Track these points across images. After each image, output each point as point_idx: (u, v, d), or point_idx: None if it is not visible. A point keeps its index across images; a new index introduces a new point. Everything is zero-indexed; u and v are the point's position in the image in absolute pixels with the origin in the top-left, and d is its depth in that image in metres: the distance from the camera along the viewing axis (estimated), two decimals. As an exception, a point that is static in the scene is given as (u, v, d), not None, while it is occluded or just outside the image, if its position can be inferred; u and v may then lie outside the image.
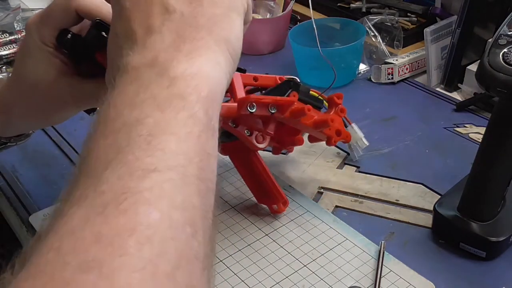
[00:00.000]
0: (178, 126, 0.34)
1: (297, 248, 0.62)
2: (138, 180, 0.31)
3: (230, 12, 0.43)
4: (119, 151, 0.32)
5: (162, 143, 0.33)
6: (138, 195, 0.30)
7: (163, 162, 0.32)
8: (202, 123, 0.36)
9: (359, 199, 0.70)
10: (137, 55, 0.38)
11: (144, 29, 0.39)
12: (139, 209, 0.30)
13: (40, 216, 0.68)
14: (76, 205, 0.31)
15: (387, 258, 0.60)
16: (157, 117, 0.34)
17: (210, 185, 0.35)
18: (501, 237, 0.60)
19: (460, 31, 0.87)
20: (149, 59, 0.38)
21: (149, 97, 0.35)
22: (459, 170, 0.69)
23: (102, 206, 0.30)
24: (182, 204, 0.32)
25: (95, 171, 0.32)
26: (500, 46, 0.55)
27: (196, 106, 0.36)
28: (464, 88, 0.88)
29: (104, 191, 0.31)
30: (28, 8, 1.21)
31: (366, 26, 0.96)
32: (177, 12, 0.40)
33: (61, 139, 0.83)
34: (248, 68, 0.64)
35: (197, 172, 0.34)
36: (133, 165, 0.32)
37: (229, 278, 0.59)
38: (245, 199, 0.69)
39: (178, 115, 0.35)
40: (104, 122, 0.35)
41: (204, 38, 0.40)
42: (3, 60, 1.02)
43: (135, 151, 0.32)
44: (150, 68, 0.37)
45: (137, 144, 0.33)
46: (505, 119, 0.57)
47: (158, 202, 0.31)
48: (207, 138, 0.36)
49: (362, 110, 0.87)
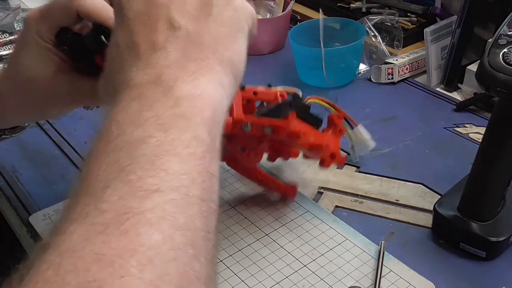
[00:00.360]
0: (181, 147, 0.34)
1: (297, 248, 0.62)
2: (140, 200, 0.31)
3: (235, 32, 0.43)
4: (121, 169, 0.32)
5: (165, 163, 0.33)
6: (139, 216, 0.30)
7: (166, 182, 0.32)
8: (205, 144, 0.35)
9: (359, 199, 0.70)
10: (141, 71, 0.38)
11: (148, 44, 0.39)
12: (140, 229, 0.30)
13: (40, 216, 0.68)
14: (76, 222, 0.30)
15: (387, 258, 0.60)
16: (160, 137, 0.34)
17: (213, 206, 0.35)
18: (501, 237, 0.60)
19: (460, 31, 0.87)
20: (153, 76, 0.37)
21: (153, 116, 0.35)
22: (459, 170, 0.69)
23: (103, 225, 0.29)
24: (184, 225, 0.31)
25: (96, 189, 0.32)
26: (500, 46, 0.55)
27: (200, 127, 0.36)
28: (464, 88, 0.88)
29: (105, 209, 0.30)
30: (28, 8, 1.21)
31: (366, 26, 0.96)
32: (182, 29, 0.40)
33: (61, 139, 0.83)
34: (248, 68, 0.64)
35: (199, 193, 0.33)
36: (135, 184, 0.31)
37: (229, 278, 0.59)
38: (245, 199, 0.69)
39: (182, 135, 0.34)
40: (106, 139, 0.35)
41: (209, 58, 0.40)
42: (3, 60, 1.02)
43: (137, 171, 0.32)
44: (154, 86, 0.37)
45: (140, 163, 0.32)
46: (505, 119, 0.57)
47: (160, 223, 0.30)
48: (210, 159, 0.36)
49: (362, 110, 0.87)
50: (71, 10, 0.52)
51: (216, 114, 0.38)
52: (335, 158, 0.66)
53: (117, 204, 0.30)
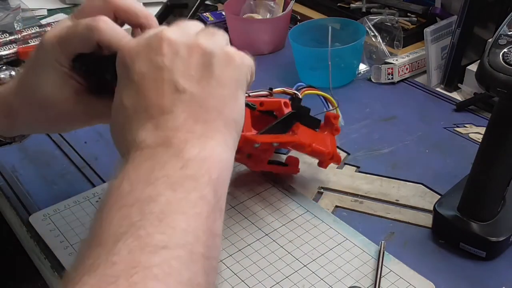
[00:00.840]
0: (188, 206, 0.37)
1: (297, 248, 0.62)
2: (148, 255, 0.33)
3: (237, 91, 0.44)
4: (131, 225, 0.34)
5: (173, 221, 0.35)
6: (147, 271, 0.32)
7: (173, 240, 0.35)
8: (211, 204, 0.38)
9: (359, 199, 0.70)
10: (151, 134, 0.40)
11: (155, 108, 0.41)
12: (148, 284, 0.32)
13: (40, 216, 0.68)
14: (87, 274, 0.32)
15: (387, 258, 0.60)
16: (170, 196, 0.36)
17: (215, 263, 0.37)
18: (501, 237, 0.60)
19: (460, 31, 0.87)
20: (163, 138, 0.40)
21: (163, 176, 0.37)
22: (459, 170, 0.69)
23: (113, 277, 0.32)
24: (188, 281, 0.34)
25: (107, 242, 0.34)
26: (500, 46, 0.55)
27: (207, 188, 0.38)
28: (464, 88, 0.88)
29: (115, 262, 0.32)
30: (28, 8, 1.21)
31: (366, 26, 0.96)
32: (187, 93, 0.41)
33: (61, 139, 0.83)
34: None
35: (203, 251, 0.36)
36: (145, 240, 0.34)
37: (229, 278, 0.59)
38: (245, 199, 0.69)
39: (189, 195, 0.37)
40: (119, 195, 0.37)
41: (215, 121, 0.42)
42: (3, 60, 1.02)
43: (147, 227, 0.34)
44: (165, 149, 0.39)
45: (149, 220, 0.35)
46: (505, 119, 0.57)
47: (166, 278, 0.33)
48: (215, 219, 0.38)
49: (362, 110, 0.87)
50: (92, 41, 0.50)
51: (222, 174, 0.41)
52: (333, 158, 0.69)
53: (127, 257, 0.33)
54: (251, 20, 1.04)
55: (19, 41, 1.05)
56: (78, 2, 1.26)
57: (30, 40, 1.06)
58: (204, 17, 1.09)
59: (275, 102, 0.66)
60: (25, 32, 1.07)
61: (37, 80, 0.54)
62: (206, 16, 1.10)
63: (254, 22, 1.04)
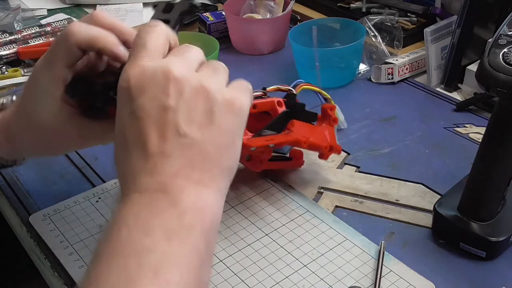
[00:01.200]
0: (182, 258, 0.39)
1: (297, 248, 0.62)
2: None
3: (235, 139, 0.45)
4: (128, 276, 0.37)
5: (168, 274, 0.37)
6: None
7: None
8: (202, 257, 0.40)
9: (359, 199, 0.70)
10: (149, 177, 0.41)
11: (154, 148, 0.41)
12: None
13: (40, 216, 0.68)
14: None
15: (387, 258, 0.60)
16: (165, 248, 0.38)
17: None
18: (501, 237, 0.60)
19: (460, 31, 0.87)
20: (161, 184, 0.41)
21: (160, 225, 0.39)
22: (459, 170, 0.69)
23: None
24: None
25: None
26: (500, 46, 0.55)
27: (200, 240, 0.40)
28: (464, 88, 0.88)
29: None
30: (28, 8, 1.21)
31: (366, 26, 0.96)
32: (188, 138, 0.42)
33: (61, 139, 0.83)
34: (248, 68, 0.64)
35: None
36: None
37: (229, 278, 0.59)
38: (245, 199, 0.69)
39: (183, 247, 0.39)
40: (116, 243, 0.39)
41: (212, 170, 0.43)
42: (3, 60, 1.02)
43: (143, 280, 0.37)
44: (162, 195, 0.41)
45: (145, 272, 0.37)
46: (505, 119, 0.57)
47: None
48: (205, 270, 0.41)
49: (362, 110, 0.87)
50: (72, 46, 0.51)
51: (214, 222, 0.42)
52: (332, 150, 0.69)
53: None
54: (251, 20, 1.04)
55: (19, 41, 1.05)
56: (78, 2, 1.27)
57: (30, 40, 1.06)
58: (204, 17, 1.09)
59: (269, 103, 0.67)
60: (25, 32, 1.07)
61: (33, 105, 0.56)
62: (206, 16, 1.09)
63: (254, 22, 1.04)
